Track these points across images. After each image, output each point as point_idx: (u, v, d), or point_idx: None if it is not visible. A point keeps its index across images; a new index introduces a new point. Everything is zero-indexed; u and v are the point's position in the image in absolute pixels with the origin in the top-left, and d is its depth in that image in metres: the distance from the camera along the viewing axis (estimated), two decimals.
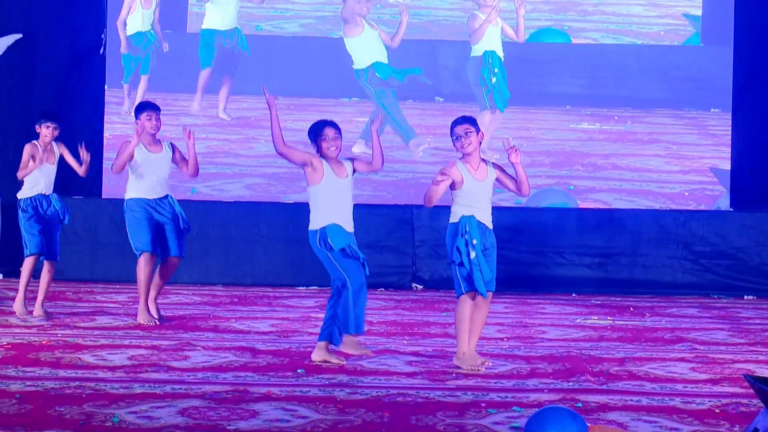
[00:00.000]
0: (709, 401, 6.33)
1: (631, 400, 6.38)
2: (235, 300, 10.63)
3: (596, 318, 9.98)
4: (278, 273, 11.83)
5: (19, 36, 13.05)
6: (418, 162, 11.77)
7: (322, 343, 7.46)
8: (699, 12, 12.09)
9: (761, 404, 4.72)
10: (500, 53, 11.73)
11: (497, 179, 7.50)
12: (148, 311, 9.11)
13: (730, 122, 12.28)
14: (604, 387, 6.76)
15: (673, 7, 11.97)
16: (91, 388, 6.41)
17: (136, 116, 9.17)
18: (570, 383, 6.86)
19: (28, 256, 9.57)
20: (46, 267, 9.61)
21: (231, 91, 12.24)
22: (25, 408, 5.89)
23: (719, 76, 11.93)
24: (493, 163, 7.61)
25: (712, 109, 12.30)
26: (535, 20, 11.84)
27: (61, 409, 5.85)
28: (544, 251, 12.29)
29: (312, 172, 7.41)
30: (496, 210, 11.96)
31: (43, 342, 8.04)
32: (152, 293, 9.26)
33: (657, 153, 11.79)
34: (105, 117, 12.71)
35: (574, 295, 11.75)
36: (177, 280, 10.76)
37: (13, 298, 9.80)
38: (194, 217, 9.74)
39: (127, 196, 9.19)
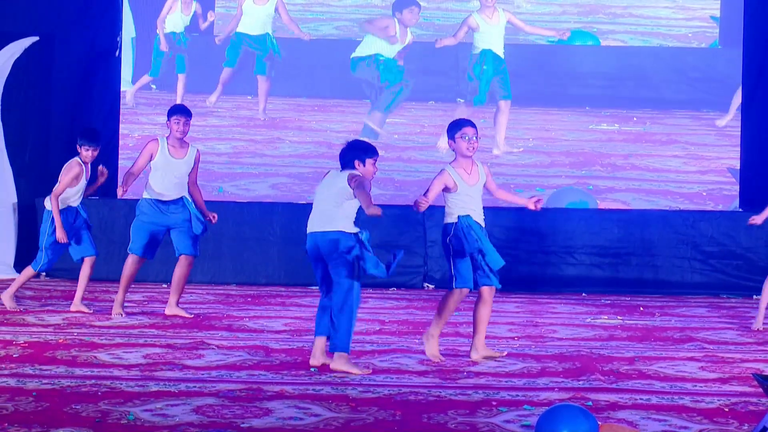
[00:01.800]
0: (718, 400, 6.33)
1: (640, 398, 6.37)
2: (249, 299, 10.65)
3: (606, 317, 9.98)
4: (291, 272, 11.84)
5: (35, 39, 13.08)
6: (438, 161, 11.82)
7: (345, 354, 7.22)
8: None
9: None
10: (499, 51, 11.64)
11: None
12: (122, 306, 9.50)
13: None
14: (614, 386, 6.76)
15: (701, 10, 11.92)
16: (107, 386, 6.43)
17: (168, 117, 9.24)
18: (580, 382, 6.86)
19: (38, 271, 9.76)
20: (85, 264, 9.77)
21: (269, 92, 12.23)
22: (42, 406, 5.90)
23: (737, 78, 11.90)
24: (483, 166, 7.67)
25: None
26: (565, 22, 11.76)
27: (77, 407, 5.86)
28: (554, 251, 12.30)
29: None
30: (507, 210, 12.10)
31: (60, 341, 8.06)
32: (173, 297, 9.46)
33: (675, 153, 11.78)
34: (132, 117, 12.79)
35: (584, 294, 11.76)
36: (191, 280, 10.76)
37: (30, 297, 9.87)
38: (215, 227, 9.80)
39: (143, 195, 9.26)
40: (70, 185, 9.45)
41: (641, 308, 10.71)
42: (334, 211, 7.21)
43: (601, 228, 12.31)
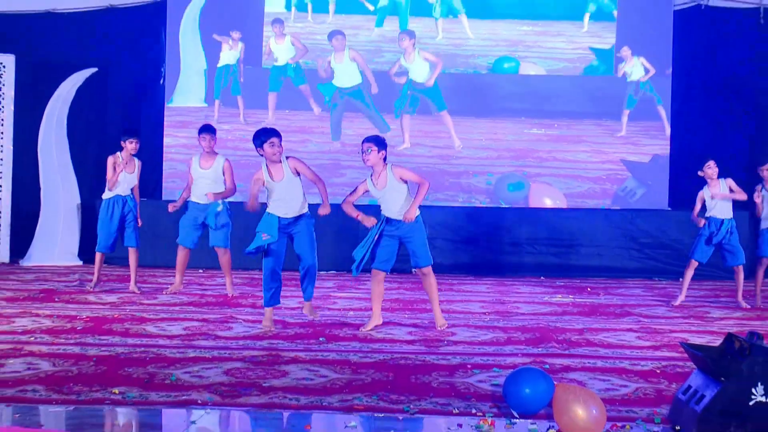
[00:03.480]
0: (651, 364, 6.32)
1: (588, 362, 6.37)
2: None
3: (560, 296, 9.99)
4: None
5: (94, 70, 13.10)
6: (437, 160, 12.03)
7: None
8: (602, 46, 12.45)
9: (694, 366, 4.73)
10: (420, 79, 12.07)
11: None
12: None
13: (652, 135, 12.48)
14: (566, 352, 6.75)
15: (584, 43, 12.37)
16: (153, 353, 6.43)
17: (198, 134, 9.32)
18: (539, 349, 6.85)
19: (96, 252, 9.76)
20: (130, 254, 9.79)
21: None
22: (101, 369, 5.91)
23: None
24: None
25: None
26: (495, 51, 12.28)
27: (129, 370, 5.87)
28: (518, 243, 12.33)
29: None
30: (480, 210, 12.11)
31: (115, 316, 8.07)
32: (227, 281, 9.59)
33: (584, 149, 12.31)
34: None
35: (542, 278, 11.78)
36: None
37: (90, 280, 9.88)
38: (238, 213, 9.75)
39: (189, 199, 9.41)
40: (114, 177, 9.51)
41: (588, 289, 10.72)
42: None
43: (556, 224, 12.34)
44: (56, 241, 12.62)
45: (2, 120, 12.82)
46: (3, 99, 12.82)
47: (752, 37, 12.95)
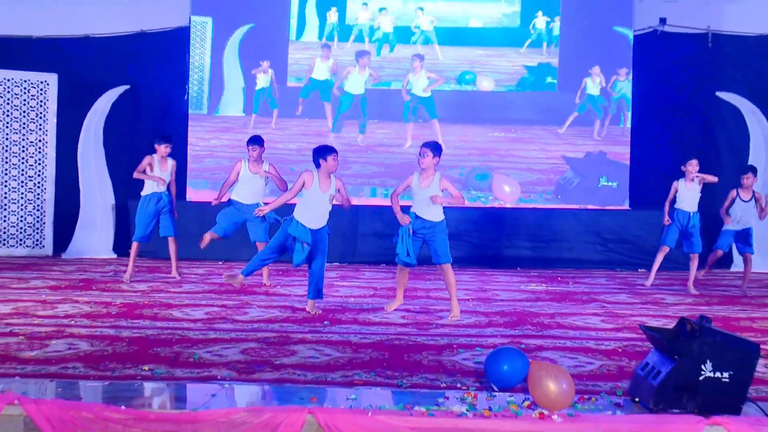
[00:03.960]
0: (614, 344, 6.34)
1: (559, 342, 6.39)
2: (280, 272, 10.65)
3: (534, 285, 10.01)
4: None
5: (127, 87, 13.10)
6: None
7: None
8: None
9: (651, 346, 4.74)
10: (421, 93, 12.56)
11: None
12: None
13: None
14: (540, 333, 6.77)
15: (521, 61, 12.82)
16: (179, 335, 6.43)
17: (247, 145, 9.33)
18: (516, 331, 6.87)
19: (133, 241, 9.71)
20: (169, 243, 9.81)
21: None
22: (132, 348, 5.92)
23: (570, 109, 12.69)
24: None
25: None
26: (459, 68, 12.85)
27: (158, 349, 5.88)
28: (498, 238, 12.34)
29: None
30: (466, 210, 12.10)
31: (145, 302, 8.07)
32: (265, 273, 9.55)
33: (534, 148, 12.63)
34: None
35: (518, 269, 11.79)
36: (240, 257, 10.77)
37: (124, 272, 9.86)
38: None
39: (231, 197, 9.41)
40: (147, 175, 9.56)
41: (559, 278, 10.74)
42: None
43: (532, 222, 12.35)
44: (93, 236, 12.62)
45: (46, 131, 12.81)
46: (47, 112, 12.82)
47: (701, 58, 12.96)
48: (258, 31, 12.98)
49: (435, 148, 7.42)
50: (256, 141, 9.32)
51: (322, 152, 7.36)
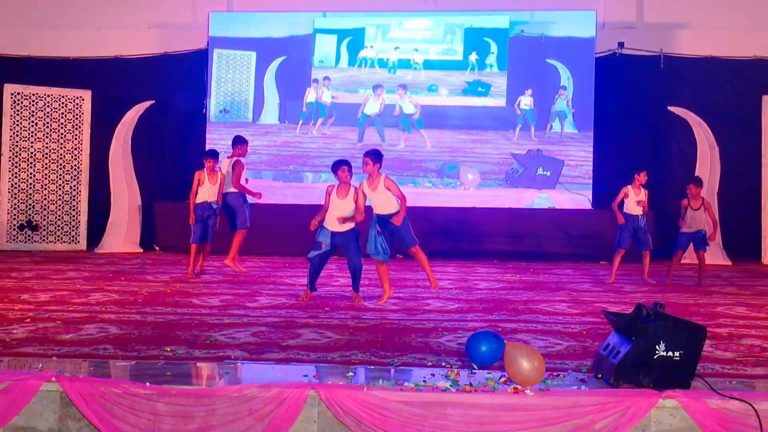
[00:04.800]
0: (579, 327, 6.34)
1: (531, 326, 6.38)
2: (287, 264, 10.64)
3: (510, 275, 10.00)
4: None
5: (152, 102, 13.08)
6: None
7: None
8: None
9: (611, 328, 4.73)
10: (408, 111, 13.28)
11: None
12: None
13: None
14: (514, 318, 6.76)
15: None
16: (197, 320, 6.41)
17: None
18: (493, 316, 6.86)
19: (191, 243, 9.46)
20: (206, 248, 9.57)
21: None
22: (156, 332, 5.90)
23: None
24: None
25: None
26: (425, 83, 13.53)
27: (179, 333, 5.86)
28: (478, 234, 12.33)
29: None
30: (449, 209, 12.08)
31: (168, 291, 8.04)
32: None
33: (490, 147, 13.25)
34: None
35: (496, 261, 11.78)
36: (251, 251, 10.75)
37: (150, 264, 9.82)
38: (264, 214, 9.74)
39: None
40: (198, 186, 9.36)
41: (531, 269, 10.73)
42: None
43: (509, 220, 12.35)
44: (123, 233, 12.58)
45: (81, 140, 12.78)
46: (82, 124, 12.78)
47: (655, 77, 12.98)
48: (289, 60, 13.51)
49: (374, 155, 7.48)
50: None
51: (333, 167, 7.50)
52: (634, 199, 9.44)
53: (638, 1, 13.36)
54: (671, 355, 4.27)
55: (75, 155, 12.74)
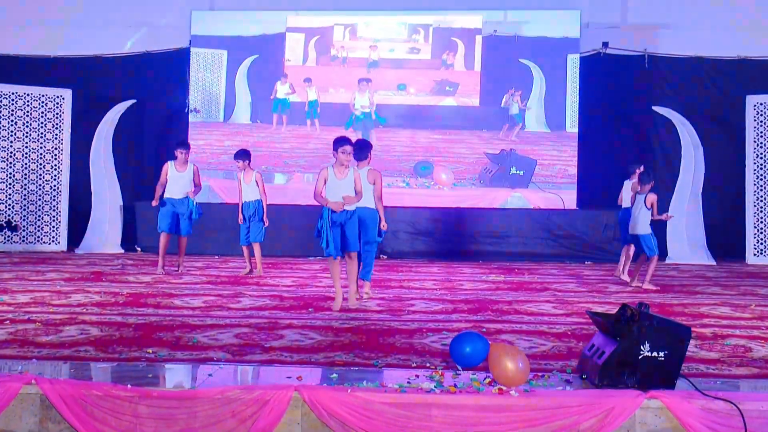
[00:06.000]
0: (564, 327, 6.35)
1: (516, 326, 6.39)
2: (270, 265, 10.60)
3: (494, 276, 10.01)
4: (297, 248, 11.80)
5: (134, 101, 13.02)
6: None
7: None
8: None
9: (596, 329, 4.74)
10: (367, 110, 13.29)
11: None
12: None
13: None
14: (499, 318, 6.76)
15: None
16: (179, 321, 6.38)
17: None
18: (478, 316, 6.86)
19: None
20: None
21: None
22: (138, 333, 5.86)
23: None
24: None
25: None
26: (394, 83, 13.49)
27: (161, 334, 5.83)
28: (463, 234, 12.33)
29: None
30: (432, 209, 12.08)
31: (149, 292, 7.99)
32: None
33: (463, 147, 13.28)
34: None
35: (480, 261, 11.79)
36: (235, 253, 10.70)
37: (131, 265, 9.76)
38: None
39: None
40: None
41: (516, 270, 10.75)
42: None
43: (493, 220, 12.36)
44: (103, 233, 12.51)
45: (62, 140, 12.68)
46: (62, 123, 12.69)
47: (639, 77, 13.06)
48: (261, 60, 13.36)
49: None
50: (183, 144, 9.74)
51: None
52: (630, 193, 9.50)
53: (622, 1, 13.43)
54: (656, 355, 4.29)
55: (55, 155, 12.65)
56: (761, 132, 12.23)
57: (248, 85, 13.32)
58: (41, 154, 12.62)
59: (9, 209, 12.50)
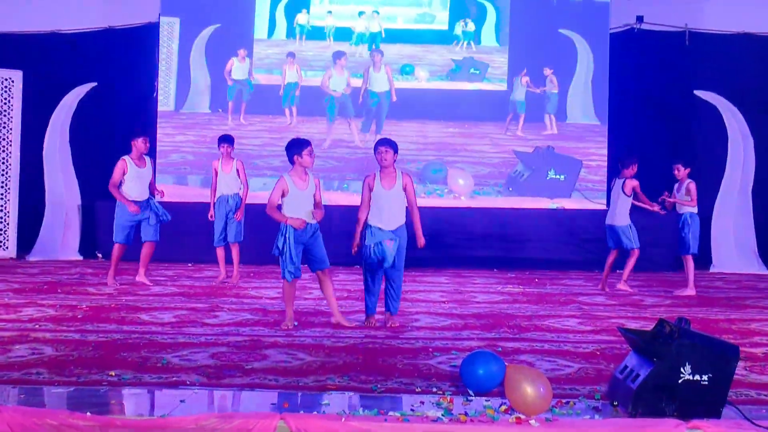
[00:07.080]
0: (592, 346, 6.35)
1: (536, 345, 6.39)
2: (251, 274, 10.59)
3: (511, 287, 10.01)
4: None
5: (94, 84, 13.03)
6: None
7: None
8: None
9: (630, 348, 4.74)
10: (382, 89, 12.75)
11: None
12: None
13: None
14: (517, 336, 6.77)
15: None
16: (147, 339, 6.37)
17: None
18: (492, 333, 6.86)
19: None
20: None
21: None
22: (99, 353, 5.86)
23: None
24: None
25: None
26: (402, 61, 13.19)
27: (125, 354, 5.82)
28: (474, 239, 12.33)
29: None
30: (438, 209, 12.08)
31: (112, 305, 7.99)
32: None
33: (487, 143, 12.90)
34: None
35: (495, 270, 11.79)
36: (211, 260, 10.68)
37: (91, 274, 9.75)
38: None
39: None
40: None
41: (536, 279, 10.75)
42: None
43: (508, 223, 12.37)
44: (59, 238, 12.52)
45: (11, 129, 12.68)
46: (11, 110, 12.68)
47: (679, 56, 13.04)
48: (223, 30, 12.99)
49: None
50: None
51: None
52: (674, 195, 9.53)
53: None
54: (698, 378, 4.29)
55: (3, 147, 12.65)
56: None
57: (207, 63, 12.93)
58: None
59: None
